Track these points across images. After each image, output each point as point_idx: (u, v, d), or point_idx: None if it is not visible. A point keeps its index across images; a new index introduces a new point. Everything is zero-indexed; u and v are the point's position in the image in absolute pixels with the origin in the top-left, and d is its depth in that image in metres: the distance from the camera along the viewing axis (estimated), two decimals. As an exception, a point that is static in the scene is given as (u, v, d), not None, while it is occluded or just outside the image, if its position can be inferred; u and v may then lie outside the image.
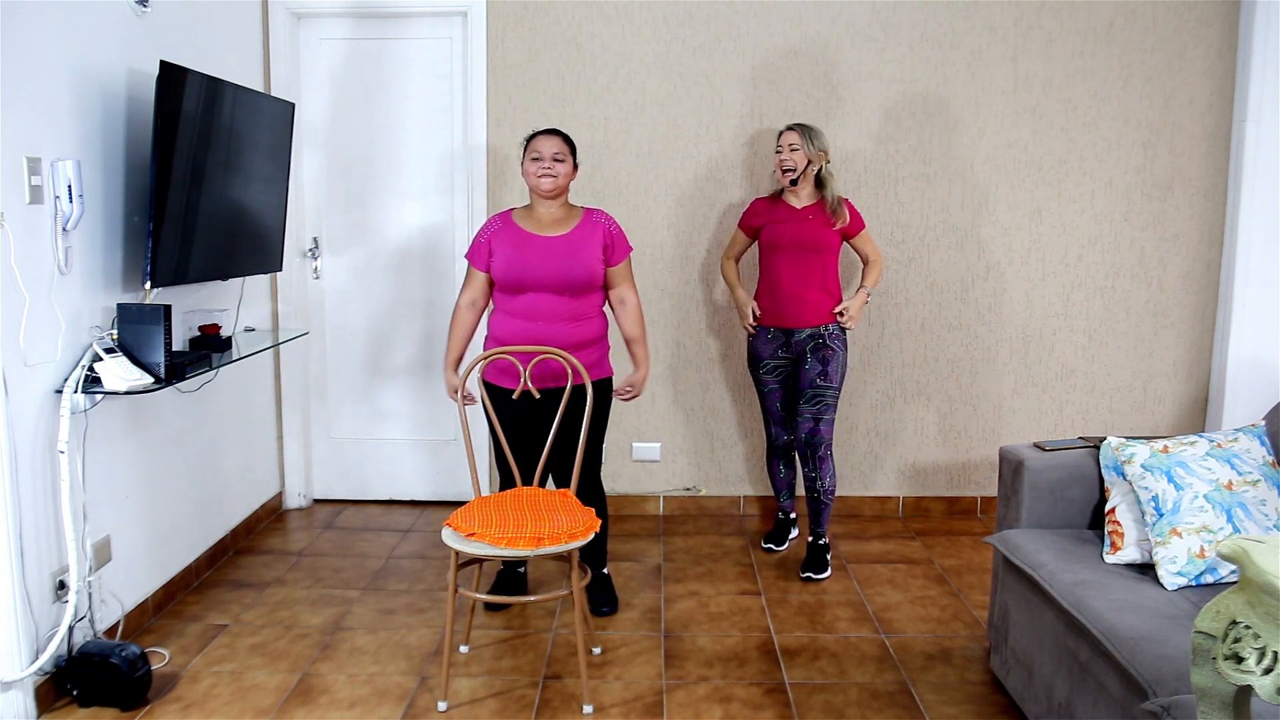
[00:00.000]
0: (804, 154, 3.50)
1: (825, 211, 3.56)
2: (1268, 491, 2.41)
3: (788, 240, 3.56)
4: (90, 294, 2.91)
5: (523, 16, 4.09)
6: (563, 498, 2.93)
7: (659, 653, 3.06)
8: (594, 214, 3.20)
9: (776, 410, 3.76)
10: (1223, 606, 1.39)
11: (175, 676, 2.90)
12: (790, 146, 3.51)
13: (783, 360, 3.68)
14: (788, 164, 3.52)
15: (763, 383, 3.74)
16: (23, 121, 2.60)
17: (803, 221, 3.56)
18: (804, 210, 3.57)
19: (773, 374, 3.70)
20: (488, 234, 3.17)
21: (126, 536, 3.14)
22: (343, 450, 4.47)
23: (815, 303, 3.57)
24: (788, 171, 3.52)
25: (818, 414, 3.60)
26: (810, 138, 3.51)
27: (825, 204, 3.56)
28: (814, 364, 3.58)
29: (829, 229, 3.56)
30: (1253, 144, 4.00)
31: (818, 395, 3.59)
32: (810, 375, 3.59)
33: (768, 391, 3.74)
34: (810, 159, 3.51)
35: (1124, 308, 4.24)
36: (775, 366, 3.69)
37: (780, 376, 3.70)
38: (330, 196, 4.30)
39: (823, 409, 3.59)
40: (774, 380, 3.71)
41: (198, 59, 3.38)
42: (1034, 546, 2.59)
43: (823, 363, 3.58)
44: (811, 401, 3.60)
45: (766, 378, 3.72)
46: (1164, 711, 1.86)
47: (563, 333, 3.10)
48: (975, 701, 2.78)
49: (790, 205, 3.60)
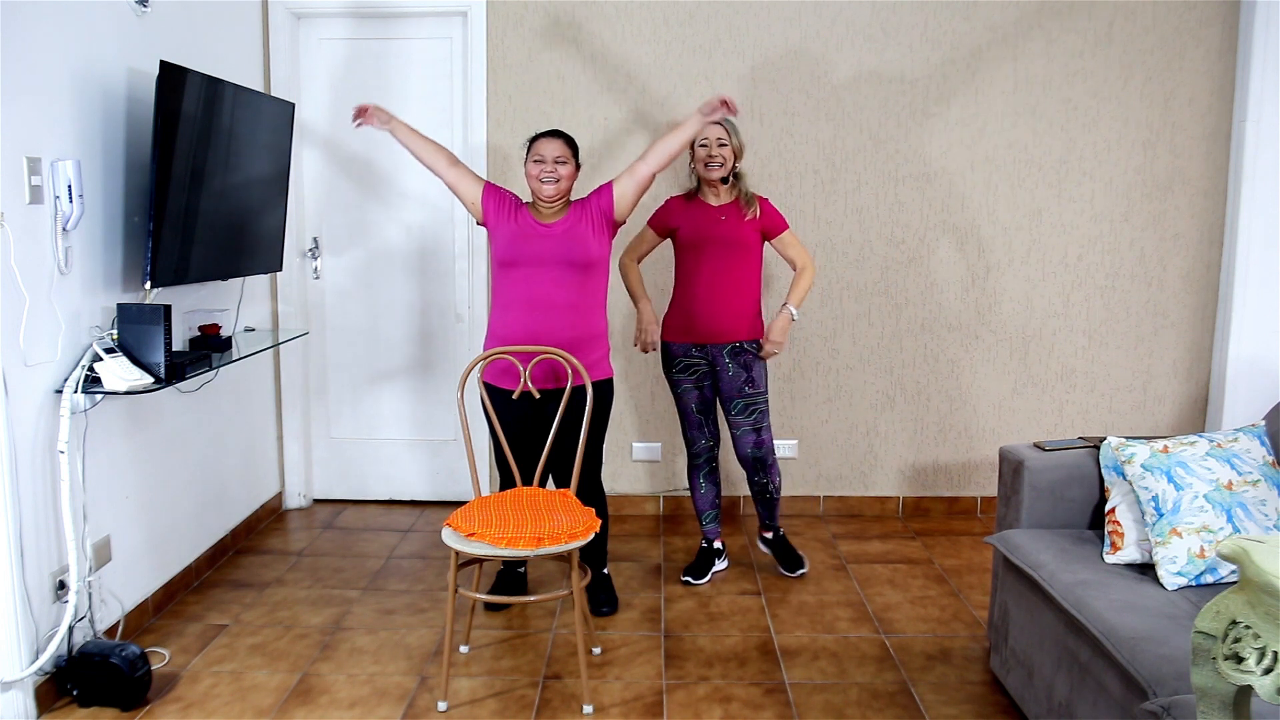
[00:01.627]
0: (731, 149, 3.39)
1: (740, 208, 3.45)
2: (1268, 491, 2.41)
3: (709, 238, 3.43)
4: (90, 294, 2.91)
5: (523, 16, 4.09)
6: (563, 498, 2.93)
7: (659, 653, 3.06)
8: (576, 202, 3.25)
9: (693, 413, 3.55)
10: (1223, 606, 1.39)
11: (175, 676, 2.90)
12: (719, 142, 3.38)
13: (697, 359, 3.50)
14: (717, 162, 3.38)
15: (677, 383, 3.54)
16: (23, 121, 2.60)
17: (720, 220, 3.44)
18: (721, 208, 3.46)
19: (687, 374, 3.51)
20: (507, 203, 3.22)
21: (126, 536, 3.14)
22: (343, 450, 4.47)
23: (733, 313, 3.44)
24: (719, 168, 3.39)
25: (756, 424, 3.49)
26: (733, 132, 3.40)
27: (740, 201, 3.46)
28: (736, 371, 3.45)
29: (748, 225, 3.44)
30: (1253, 144, 4.00)
31: (750, 405, 3.47)
32: (736, 383, 3.46)
33: (683, 393, 3.54)
34: (737, 154, 3.42)
35: (1124, 308, 4.24)
36: (690, 365, 3.51)
37: (695, 377, 3.51)
38: (330, 196, 4.31)
39: (759, 417, 3.49)
40: (689, 381, 3.52)
41: (198, 59, 3.38)
42: (1034, 546, 2.59)
43: (745, 369, 3.45)
44: (746, 413, 3.48)
45: (681, 378, 3.52)
46: (1164, 711, 1.86)
47: (565, 324, 3.10)
48: (975, 701, 2.78)
49: (708, 204, 3.47)
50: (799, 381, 4.28)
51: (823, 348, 4.27)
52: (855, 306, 4.24)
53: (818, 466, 4.35)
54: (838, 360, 4.27)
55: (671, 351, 3.54)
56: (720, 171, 3.41)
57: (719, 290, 3.44)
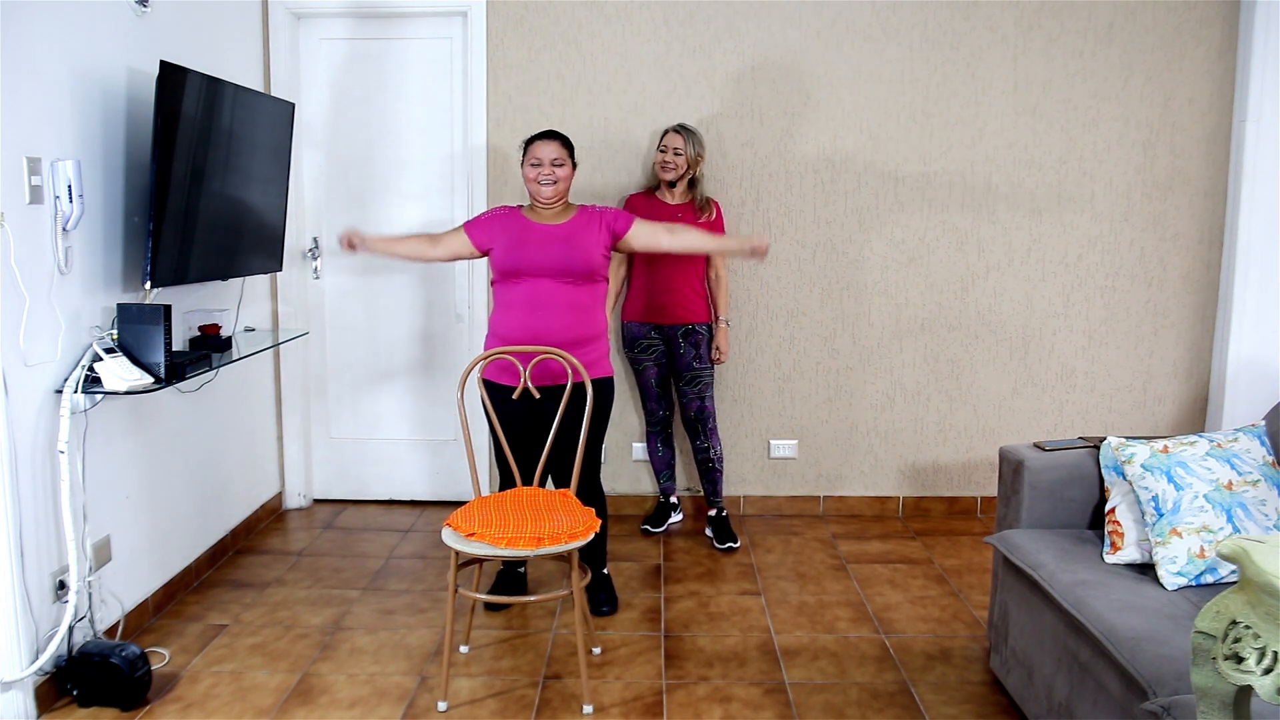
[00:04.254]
0: (685, 158, 3.78)
1: (694, 209, 3.84)
2: (1268, 491, 2.41)
3: None
4: (90, 294, 2.91)
5: (523, 16, 4.09)
6: (563, 498, 2.93)
7: (659, 653, 3.06)
8: (588, 208, 3.25)
9: (652, 387, 4.01)
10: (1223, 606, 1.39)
11: (175, 676, 2.90)
12: (674, 150, 3.78)
13: (654, 340, 3.94)
14: (670, 167, 3.79)
15: (638, 362, 3.99)
16: (23, 121, 2.60)
17: (676, 217, 3.78)
18: (676, 207, 3.85)
19: (647, 353, 3.96)
20: (489, 215, 3.23)
21: (126, 536, 3.14)
22: (343, 450, 4.47)
23: (688, 298, 3.88)
24: (671, 172, 3.79)
25: (700, 393, 3.95)
26: (691, 142, 3.78)
27: (695, 202, 3.85)
28: (688, 349, 3.91)
29: (701, 225, 3.81)
30: (1253, 144, 4.00)
31: (696, 377, 3.93)
32: (687, 359, 3.91)
33: (643, 370, 3.99)
34: (690, 163, 3.79)
35: (1124, 308, 4.24)
36: (649, 346, 3.95)
37: (654, 354, 3.95)
38: (330, 196, 4.30)
39: (704, 388, 3.95)
40: (649, 359, 3.96)
41: (198, 59, 3.38)
42: (1034, 546, 2.59)
43: (695, 347, 3.91)
44: (692, 383, 3.94)
45: (642, 357, 3.97)
46: (1164, 711, 1.86)
47: (564, 324, 3.10)
48: (975, 701, 2.78)
49: (665, 202, 3.87)
50: (799, 381, 4.28)
51: (823, 348, 4.27)
52: (855, 306, 4.24)
53: (818, 466, 4.35)
54: (838, 360, 4.27)
55: (633, 333, 3.97)
56: (672, 175, 3.81)
57: (675, 279, 3.87)
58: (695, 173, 3.84)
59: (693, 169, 3.82)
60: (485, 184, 4.18)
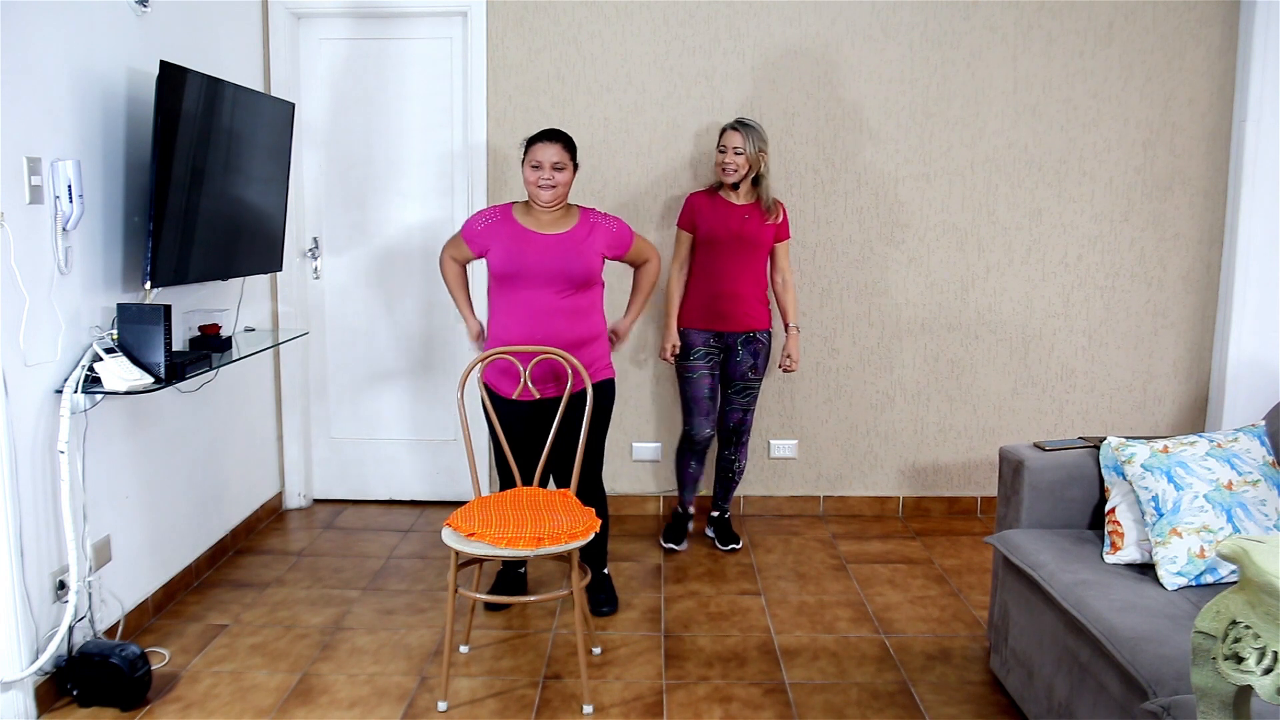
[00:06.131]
0: (746, 158, 3.57)
1: (761, 210, 3.66)
2: (1268, 491, 2.41)
3: (728, 235, 3.63)
4: (90, 294, 2.91)
5: (523, 16, 4.09)
6: (563, 498, 2.92)
7: (659, 653, 3.06)
8: (591, 213, 3.21)
9: (704, 400, 3.74)
10: (1223, 606, 1.39)
11: (175, 676, 2.90)
12: (734, 149, 3.57)
13: (714, 348, 3.74)
14: (730, 169, 3.59)
15: (692, 369, 3.72)
16: (23, 121, 2.60)
17: (743, 219, 3.65)
18: (742, 208, 3.66)
19: (704, 360, 3.72)
20: (483, 224, 3.19)
21: (126, 536, 3.14)
22: (343, 450, 4.47)
23: (749, 304, 3.69)
24: (733, 174, 3.59)
25: (746, 405, 3.80)
26: (752, 138, 3.56)
27: (761, 203, 3.66)
28: (745, 357, 3.72)
29: (766, 226, 3.67)
30: (1253, 144, 4.00)
31: (748, 388, 3.77)
32: (742, 368, 3.73)
33: (695, 379, 3.72)
34: (750, 163, 3.58)
35: (1124, 308, 4.24)
36: (706, 354, 3.73)
37: (710, 363, 3.73)
38: (330, 196, 4.30)
39: (751, 400, 3.80)
40: (704, 366, 3.72)
41: (198, 59, 3.38)
42: (1034, 546, 2.59)
43: (754, 355, 3.73)
44: (742, 393, 3.77)
45: (698, 364, 3.72)
46: (1164, 711, 1.86)
47: (563, 329, 3.09)
48: (975, 701, 2.78)
49: (729, 201, 3.67)
50: (799, 381, 4.28)
51: (823, 348, 4.27)
52: (855, 306, 4.24)
53: (817, 466, 4.35)
54: (838, 360, 4.27)
55: (690, 341, 3.74)
56: (733, 177, 3.60)
57: (739, 283, 3.67)
58: (759, 171, 3.62)
59: (754, 168, 3.60)
60: (485, 184, 4.17)
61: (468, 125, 4.17)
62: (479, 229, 3.19)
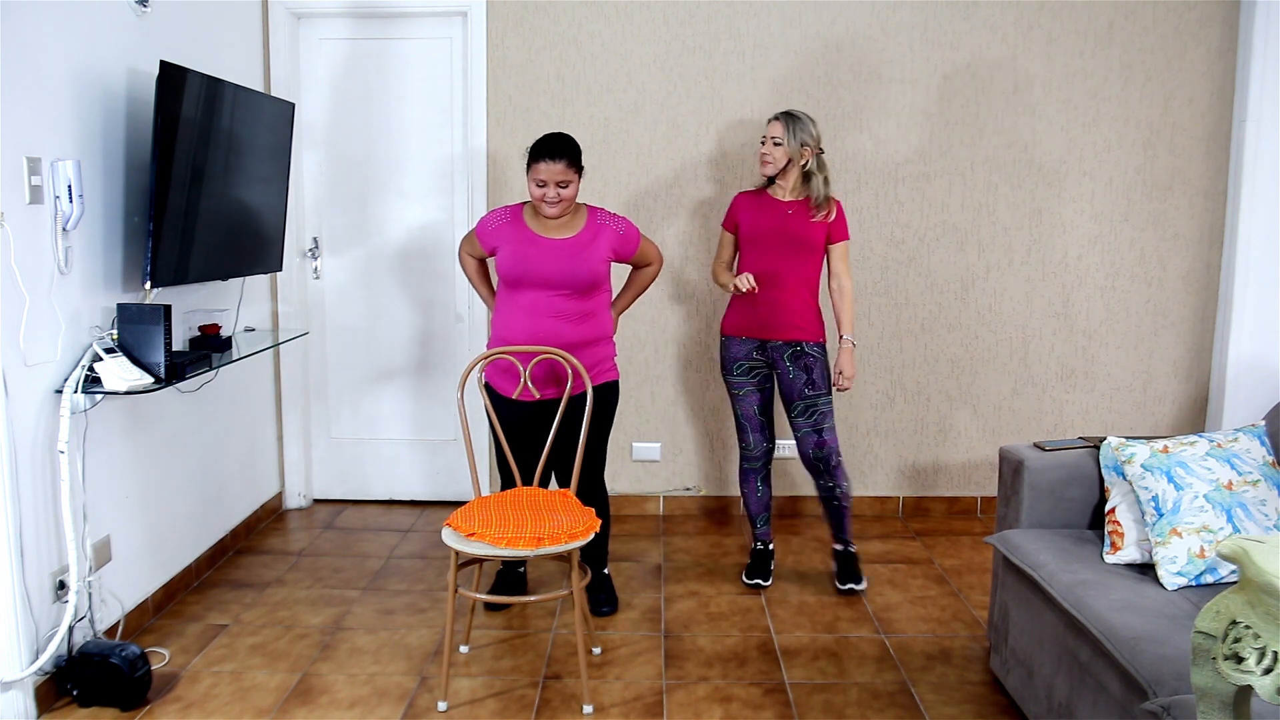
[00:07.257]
0: (785, 150, 3.30)
1: (810, 207, 3.34)
2: (1268, 491, 2.41)
3: (771, 233, 3.35)
4: (90, 294, 2.91)
5: (523, 16, 4.09)
6: (563, 498, 2.92)
7: (659, 653, 3.06)
8: (598, 214, 3.20)
9: (754, 415, 3.49)
10: (1223, 606, 1.39)
11: (175, 676, 2.90)
12: (773, 140, 3.31)
13: (758, 362, 3.44)
14: (767, 160, 3.34)
15: (737, 386, 3.47)
16: (23, 121, 2.60)
17: (786, 215, 3.35)
18: (787, 204, 3.36)
19: (748, 375, 3.45)
20: (495, 224, 3.20)
21: (126, 536, 3.14)
22: (343, 450, 4.47)
23: (794, 312, 3.36)
24: (770, 166, 3.34)
25: (817, 424, 3.38)
26: (794, 130, 3.29)
27: (811, 200, 3.35)
28: (797, 373, 3.37)
29: (814, 225, 3.34)
30: (1253, 144, 4.00)
31: (811, 405, 3.37)
32: (796, 385, 3.37)
33: (742, 395, 3.47)
34: (791, 156, 3.30)
35: (1124, 308, 4.24)
36: (750, 369, 3.45)
37: (756, 379, 3.45)
38: (330, 196, 4.30)
39: (820, 418, 3.38)
40: (750, 382, 3.45)
41: (198, 59, 3.38)
42: (1034, 546, 2.59)
43: (806, 371, 3.36)
44: (806, 414, 3.38)
45: (741, 379, 3.45)
46: (1164, 711, 1.86)
47: (566, 330, 3.09)
48: (975, 701, 2.78)
49: (774, 198, 3.39)
50: (799, 381, 4.28)
51: (823, 348, 4.26)
52: (855, 306, 4.22)
53: (818, 466, 4.34)
54: (838, 360, 4.27)
55: (732, 353, 3.46)
56: (770, 170, 3.35)
57: (783, 287, 3.35)
58: (808, 165, 3.32)
59: (795, 162, 3.31)
60: (485, 184, 4.17)
61: (468, 125, 4.17)
62: (491, 228, 3.20)
